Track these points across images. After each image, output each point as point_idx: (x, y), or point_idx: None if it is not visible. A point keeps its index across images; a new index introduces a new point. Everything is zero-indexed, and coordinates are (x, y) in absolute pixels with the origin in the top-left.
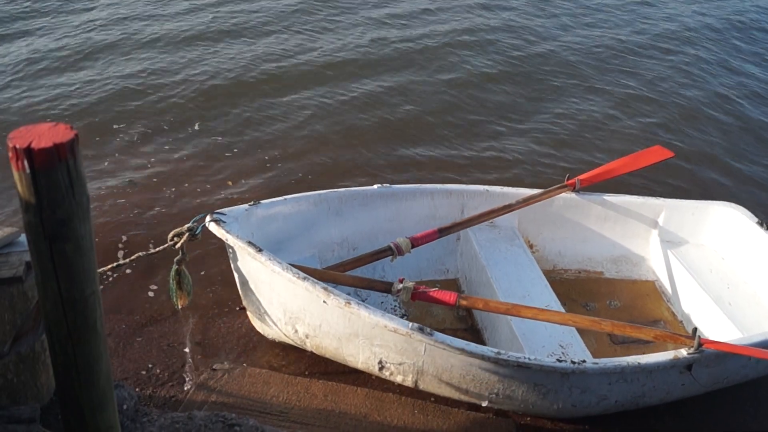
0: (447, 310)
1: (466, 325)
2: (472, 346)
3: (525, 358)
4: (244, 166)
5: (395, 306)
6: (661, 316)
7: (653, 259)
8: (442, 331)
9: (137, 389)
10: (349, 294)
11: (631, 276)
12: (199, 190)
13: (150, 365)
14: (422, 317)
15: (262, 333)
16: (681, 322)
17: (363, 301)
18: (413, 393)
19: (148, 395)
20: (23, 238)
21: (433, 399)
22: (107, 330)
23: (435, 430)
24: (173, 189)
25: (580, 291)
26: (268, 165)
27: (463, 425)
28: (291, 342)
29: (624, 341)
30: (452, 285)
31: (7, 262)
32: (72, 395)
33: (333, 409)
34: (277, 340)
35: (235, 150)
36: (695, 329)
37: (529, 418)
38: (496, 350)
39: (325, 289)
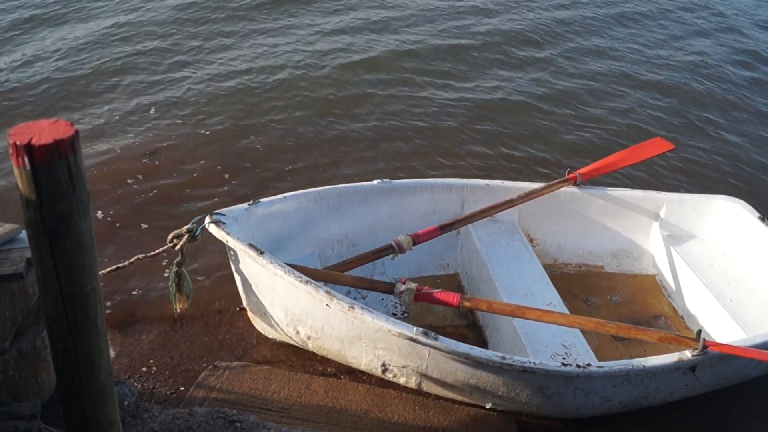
0: (448, 307)
1: (467, 321)
2: (477, 351)
3: (530, 362)
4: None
5: (396, 303)
6: (662, 311)
7: (654, 254)
8: (444, 328)
9: (138, 385)
10: (349, 291)
11: (631, 270)
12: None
13: (151, 362)
14: (423, 314)
15: (263, 333)
16: (682, 317)
17: (363, 298)
18: (414, 389)
19: (149, 391)
20: (24, 234)
21: (434, 396)
22: (108, 326)
23: (436, 427)
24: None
25: (580, 285)
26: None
27: (464, 422)
28: (292, 343)
29: (626, 338)
30: (453, 280)
31: (7, 259)
32: (73, 391)
33: (334, 406)
34: (278, 341)
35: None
36: (699, 331)
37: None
38: (500, 355)
39: (328, 292)
